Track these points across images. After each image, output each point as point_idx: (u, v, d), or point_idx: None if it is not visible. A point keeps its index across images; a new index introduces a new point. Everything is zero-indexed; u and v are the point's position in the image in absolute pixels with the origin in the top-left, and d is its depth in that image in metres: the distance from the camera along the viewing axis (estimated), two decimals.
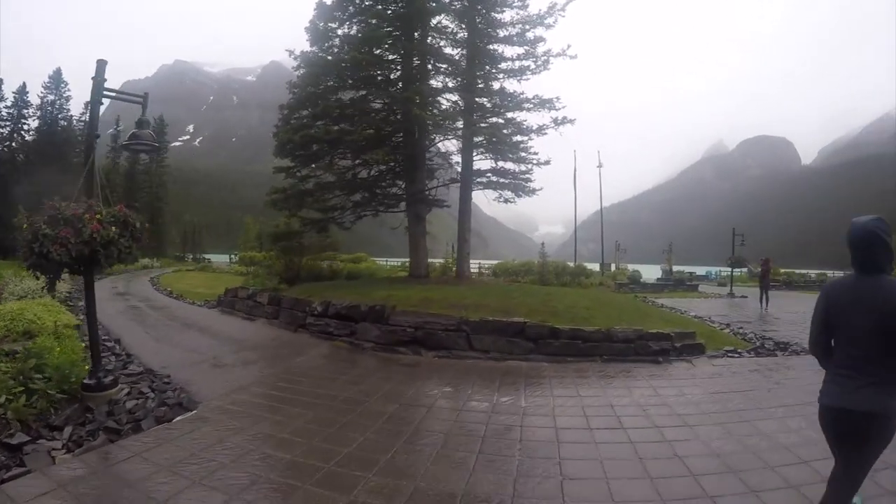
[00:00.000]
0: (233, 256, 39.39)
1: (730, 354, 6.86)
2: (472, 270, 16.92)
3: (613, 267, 32.65)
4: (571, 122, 13.46)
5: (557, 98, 12.94)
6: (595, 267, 29.80)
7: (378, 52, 11.92)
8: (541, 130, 13.15)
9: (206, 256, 48.10)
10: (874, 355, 1.83)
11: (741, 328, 9.59)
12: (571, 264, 24.01)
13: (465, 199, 13.78)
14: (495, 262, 25.97)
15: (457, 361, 6.36)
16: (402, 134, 12.61)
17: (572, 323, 6.86)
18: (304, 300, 8.79)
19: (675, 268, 33.86)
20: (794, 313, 13.60)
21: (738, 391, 5.09)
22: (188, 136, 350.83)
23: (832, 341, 2.01)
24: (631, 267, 32.69)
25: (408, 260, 14.51)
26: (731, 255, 24.52)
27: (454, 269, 14.83)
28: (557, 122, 13.18)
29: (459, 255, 13.90)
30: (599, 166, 32.63)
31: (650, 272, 32.97)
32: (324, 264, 14.67)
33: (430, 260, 14.77)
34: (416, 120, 10.89)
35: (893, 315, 1.76)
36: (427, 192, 13.27)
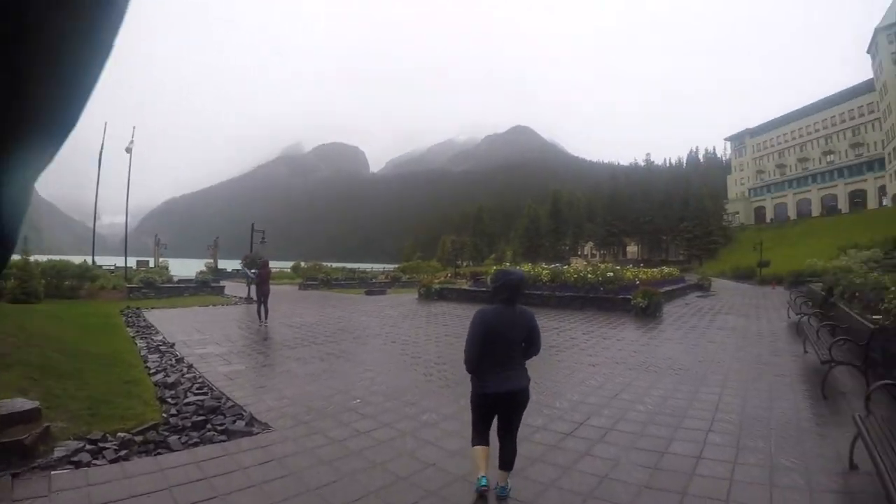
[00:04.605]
0: None
1: (83, 454, 4.84)
2: None
3: (152, 263, 36.31)
4: None
5: None
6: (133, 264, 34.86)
7: None
8: None
9: None
10: (518, 355, 4.02)
11: (198, 363, 9.20)
12: (83, 261, 23.68)
13: None
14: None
15: None
16: None
17: None
18: None
19: (222, 263, 42.38)
20: (298, 327, 14.48)
21: None
22: None
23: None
24: (173, 262, 37.15)
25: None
26: (249, 253, 26.12)
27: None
28: None
29: None
30: (129, 150, 32.34)
31: (200, 267, 39.20)
32: None
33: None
34: None
35: (531, 329, 4.03)
36: None
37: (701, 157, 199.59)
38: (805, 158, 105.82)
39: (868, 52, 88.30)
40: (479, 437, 4.14)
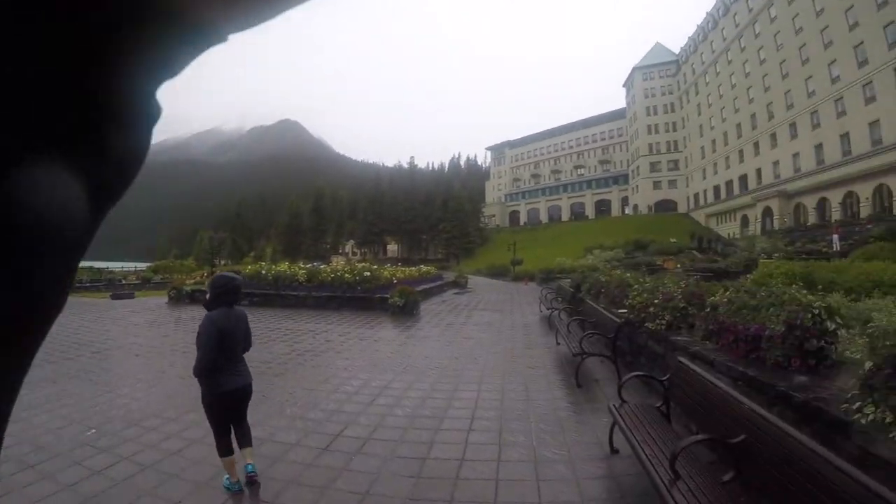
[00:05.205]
0: None
1: None
2: None
3: None
4: None
5: None
6: None
7: None
8: None
9: None
10: (241, 351, 4.77)
11: None
12: None
13: None
14: None
15: None
16: None
17: None
18: None
19: None
20: None
21: None
22: None
23: None
24: None
25: None
26: None
27: None
28: None
29: None
30: None
31: None
32: None
33: None
34: None
35: (247, 327, 4.86)
36: None
37: (463, 163, 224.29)
38: (558, 170, 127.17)
39: (624, 85, 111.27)
40: (226, 444, 4.60)
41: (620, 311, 10.59)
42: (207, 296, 4.75)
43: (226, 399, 4.57)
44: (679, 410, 5.25)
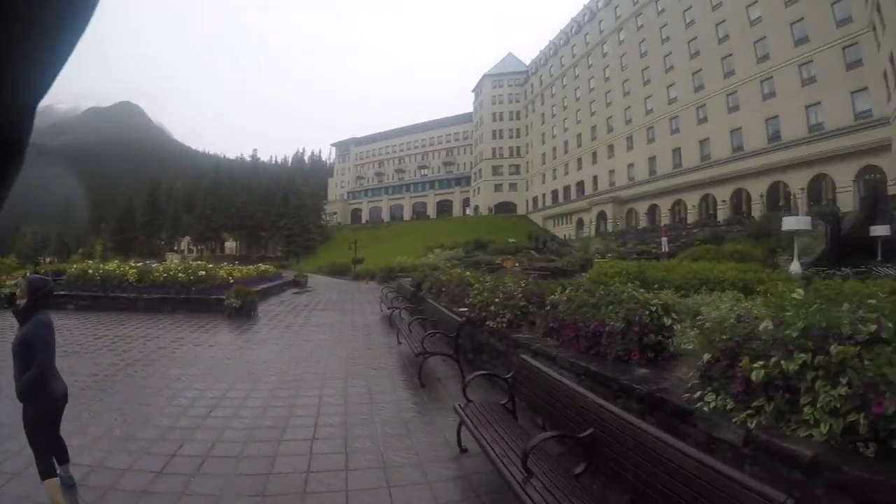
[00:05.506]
0: None
1: None
2: None
3: None
4: None
5: None
6: None
7: None
8: None
9: None
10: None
11: None
12: None
13: None
14: None
15: None
16: None
17: None
18: None
19: None
20: None
21: None
22: None
23: None
24: None
25: None
26: None
27: None
28: None
29: None
30: None
31: None
32: None
33: None
34: None
35: None
36: None
37: (307, 158, 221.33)
38: (402, 170, 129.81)
39: (473, 90, 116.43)
40: (51, 462, 4.20)
41: (461, 309, 10.80)
42: (23, 302, 4.37)
43: (57, 406, 4.39)
44: (525, 406, 5.41)
